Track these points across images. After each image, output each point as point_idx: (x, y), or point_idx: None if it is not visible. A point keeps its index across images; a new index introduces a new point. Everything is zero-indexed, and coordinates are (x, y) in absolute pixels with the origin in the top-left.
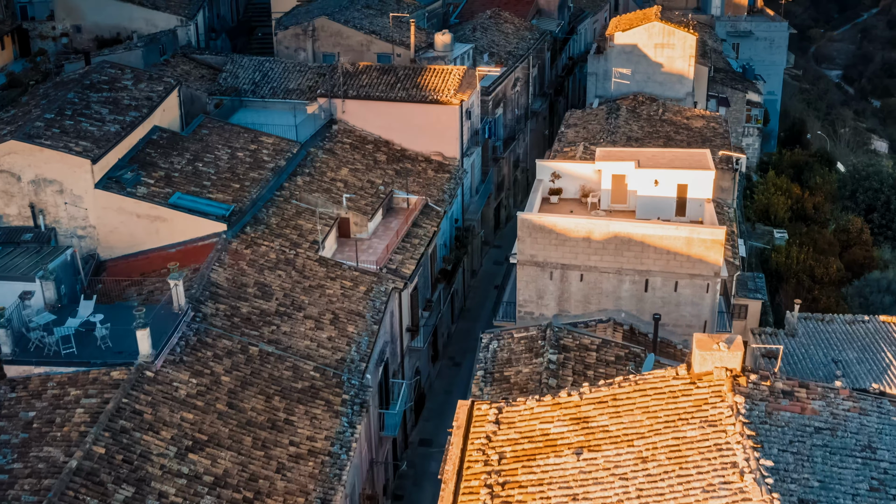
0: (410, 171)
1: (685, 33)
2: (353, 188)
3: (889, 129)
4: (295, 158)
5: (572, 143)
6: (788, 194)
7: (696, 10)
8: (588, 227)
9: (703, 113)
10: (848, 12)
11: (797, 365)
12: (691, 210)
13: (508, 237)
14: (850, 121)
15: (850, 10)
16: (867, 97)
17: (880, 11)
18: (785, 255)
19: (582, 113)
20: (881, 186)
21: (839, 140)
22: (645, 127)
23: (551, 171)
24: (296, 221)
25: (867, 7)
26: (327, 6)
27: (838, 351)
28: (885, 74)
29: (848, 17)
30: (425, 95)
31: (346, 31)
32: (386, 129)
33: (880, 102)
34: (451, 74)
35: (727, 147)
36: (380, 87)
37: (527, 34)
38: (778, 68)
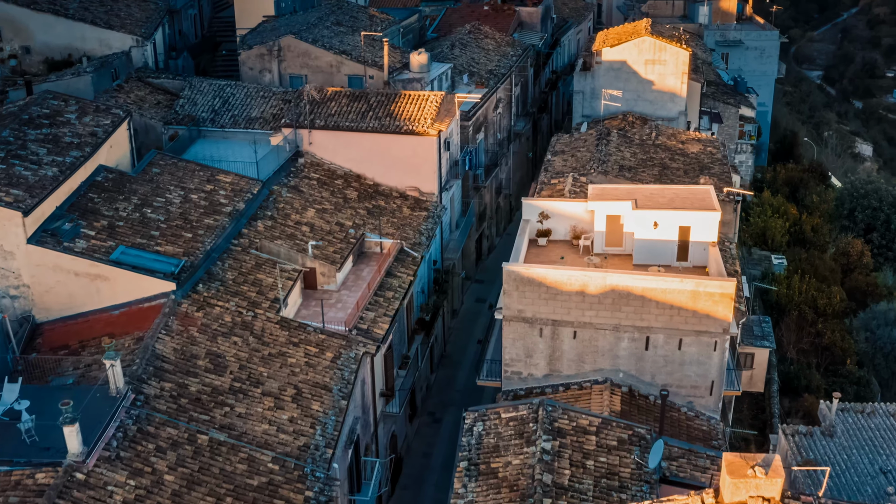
0: (384, 209)
1: (677, 49)
2: (320, 233)
3: (872, 130)
4: (255, 199)
5: (560, 173)
6: (786, 216)
7: (682, 18)
8: (582, 280)
9: (698, 136)
10: (828, 12)
11: (840, 477)
12: (694, 254)
13: (491, 270)
14: (835, 124)
15: (829, 10)
16: (849, 98)
17: (860, 11)
18: (786, 285)
19: (569, 138)
20: (880, 205)
21: (825, 145)
22: (638, 154)
23: (539, 211)
24: (255, 275)
25: (847, 7)
26: (295, 23)
27: (885, 456)
28: (866, 75)
29: (828, 16)
30: (400, 125)
31: (315, 52)
32: (357, 162)
33: (862, 103)
34: (428, 101)
35: (726, 175)
36: (350, 116)
37: (508, 50)
38: (769, 78)
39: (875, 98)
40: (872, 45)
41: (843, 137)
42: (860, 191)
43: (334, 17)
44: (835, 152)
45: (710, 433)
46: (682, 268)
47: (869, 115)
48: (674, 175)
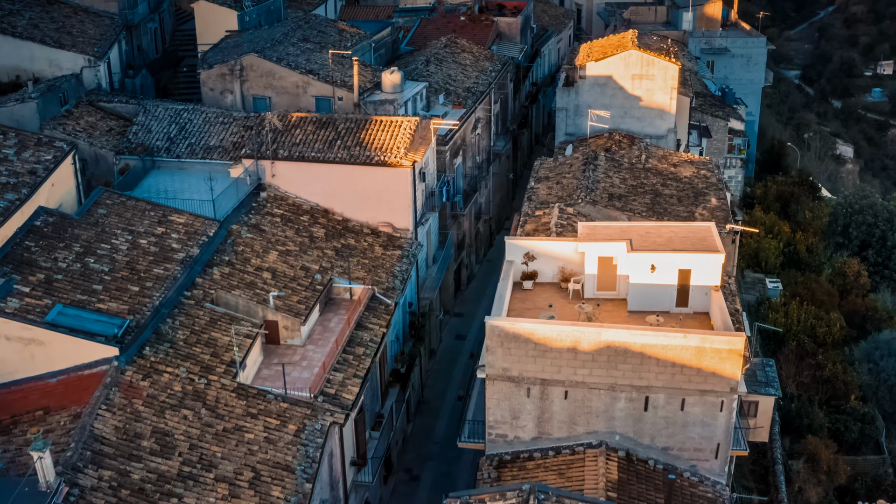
0: (354, 249)
1: (666, 62)
2: (283, 279)
3: (851, 131)
4: (211, 243)
5: (545, 203)
6: (779, 237)
7: (665, 24)
8: (574, 336)
9: (690, 157)
10: (804, 11)
11: None
12: (695, 299)
13: (471, 302)
14: (815, 125)
15: (806, 9)
16: (827, 98)
17: (836, 9)
18: (783, 313)
19: (553, 163)
20: (875, 220)
21: (807, 148)
22: (628, 179)
23: (524, 252)
24: (209, 333)
25: (823, 5)
26: (258, 39)
27: None
28: (844, 74)
29: (804, 15)
30: (371, 156)
31: (280, 71)
32: (325, 196)
33: (841, 103)
34: (402, 128)
35: (722, 202)
36: (316, 146)
37: (487, 65)
38: (756, 87)
39: (853, 97)
40: (850, 43)
41: (823, 139)
42: (854, 206)
43: (301, 33)
44: (817, 156)
45: (716, 501)
46: (682, 315)
47: (848, 115)
48: (667, 203)
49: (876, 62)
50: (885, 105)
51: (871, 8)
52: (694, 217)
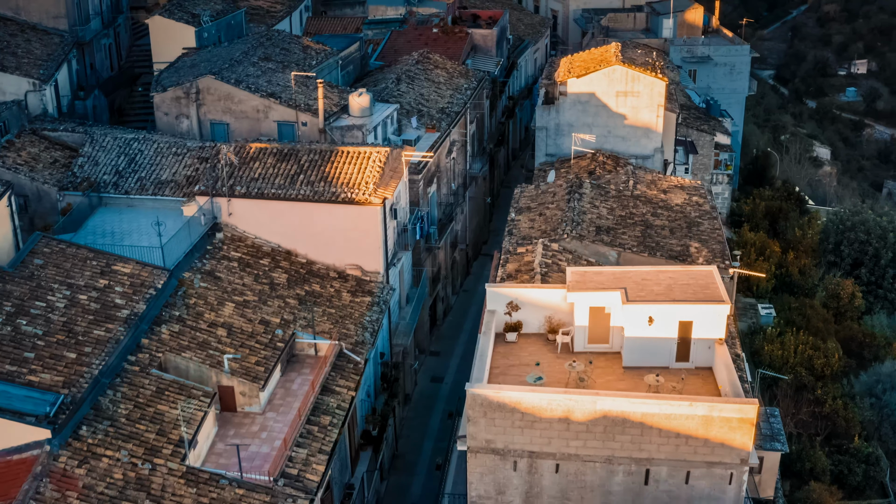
0: (319, 296)
1: (652, 78)
2: (240, 336)
3: (827, 131)
4: (160, 297)
5: (527, 238)
6: (771, 258)
7: (645, 31)
8: (566, 405)
9: (680, 182)
10: (777, 10)
11: None
12: (697, 353)
13: (447, 339)
14: (791, 127)
15: (779, 8)
16: (801, 98)
17: (809, 8)
18: (779, 345)
19: (535, 190)
20: (868, 237)
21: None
22: (615, 209)
23: (507, 301)
24: (156, 406)
25: (796, 4)
26: (216, 58)
27: None
28: (818, 73)
29: (777, 14)
30: (336, 192)
31: (238, 95)
32: (287, 236)
33: (815, 103)
34: (370, 160)
35: (717, 234)
36: (277, 181)
37: (462, 82)
38: (739, 96)
39: (828, 97)
40: (823, 43)
41: (800, 141)
42: (846, 223)
43: (262, 51)
44: (795, 159)
45: None
46: (684, 372)
47: (823, 115)
48: (659, 236)
49: (850, 61)
50: (859, 104)
51: (844, 7)
52: (688, 251)
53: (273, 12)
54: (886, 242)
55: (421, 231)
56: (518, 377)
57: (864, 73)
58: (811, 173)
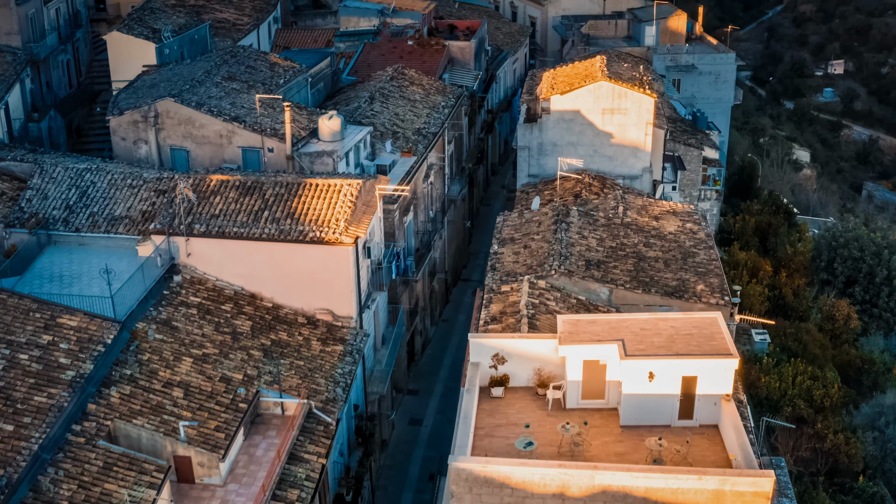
0: (287, 346)
1: (640, 95)
2: (198, 398)
3: (805, 133)
4: (110, 353)
5: (512, 275)
6: (764, 281)
7: (626, 39)
8: (561, 480)
9: (672, 207)
10: (752, 10)
11: None
12: (702, 410)
13: (426, 375)
14: (770, 129)
15: (754, 8)
16: (779, 99)
17: (785, 9)
18: (776, 376)
19: (519, 219)
20: (862, 255)
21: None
22: (605, 239)
23: (492, 353)
24: (102, 486)
25: (772, 4)
26: (178, 77)
27: None
28: (795, 74)
29: (753, 15)
30: (304, 230)
31: (200, 119)
32: (251, 278)
33: (793, 104)
34: (341, 194)
35: (715, 266)
36: (239, 218)
37: (439, 99)
38: (725, 106)
39: (805, 98)
40: (800, 43)
41: (779, 144)
42: (839, 240)
43: (227, 70)
44: (776, 164)
45: None
46: (689, 433)
47: (801, 117)
48: (652, 269)
49: (826, 62)
50: (836, 105)
51: (820, 7)
52: (685, 286)
53: (240, 25)
54: (881, 260)
55: (397, 269)
56: (506, 439)
57: (841, 73)
58: (792, 178)
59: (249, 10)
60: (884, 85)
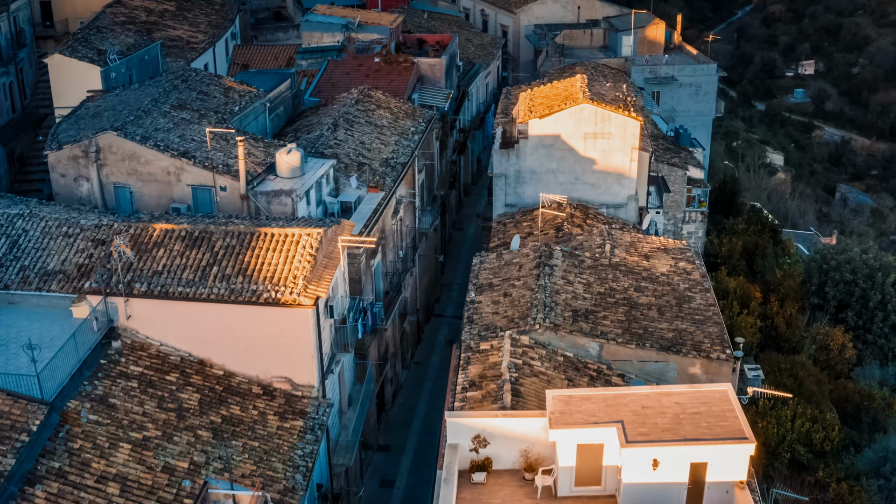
0: (240, 423)
1: (625, 118)
2: (137, 494)
3: (778, 135)
4: (35, 443)
5: (490, 329)
6: (755, 311)
7: (602, 49)
8: None
9: (663, 243)
10: (722, 11)
11: None
12: (712, 499)
13: (398, 427)
14: (743, 133)
15: (724, 9)
16: (750, 100)
17: (754, 9)
18: (774, 420)
19: (497, 261)
20: (854, 277)
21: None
22: (593, 284)
23: (473, 434)
24: None
25: (741, 5)
26: (123, 105)
27: None
28: (766, 75)
29: (722, 15)
30: (258, 290)
31: (145, 154)
32: (199, 343)
33: (764, 105)
34: (300, 246)
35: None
36: (185, 274)
37: (408, 124)
38: (706, 119)
39: (776, 98)
40: (769, 44)
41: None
42: (830, 262)
43: (176, 97)
44: (752, 169)
45: None
46: None
47: (772, 118)
48: (646, 319)
49: (797, 62)
50: (808, 105)
51: (790, 7)
52: (682, 338)
53: (194, 44)
54: (874, 283)
55: (364, 328)
56: None
57: (812, 73)
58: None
59: (205, 26)
60: (854, 85)
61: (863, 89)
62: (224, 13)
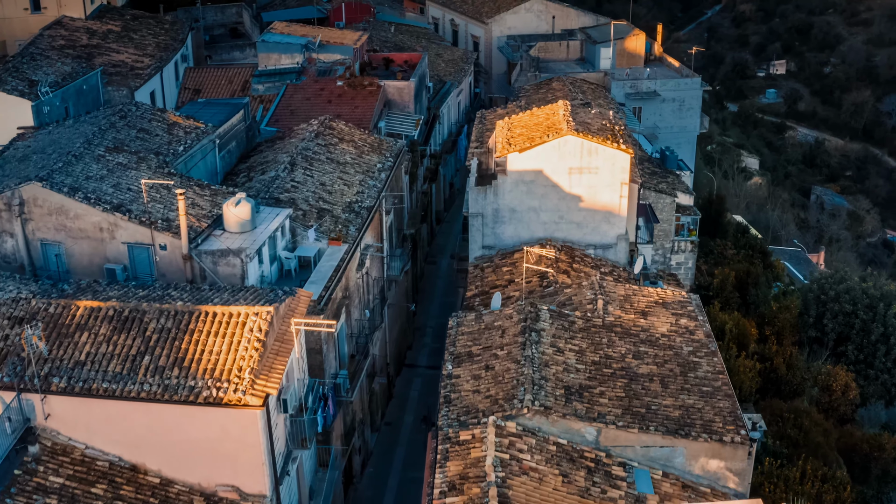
0: None
1: (614, 151)
2: None
3: (752, 138)
4: None
5: (471, 412)
6: (754, 354)
7: (579, 61)
8: None
9: (661, 296)
10: (692, 10)
11: None
12: None
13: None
14: (717, 136)
15: (693, 9)
16: (722, 101)
17: (724, 8)
18: (781, 482)
19: (477, 325)
20: (854, 308)
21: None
22: (586, 352)
23: None
24: None
25: (710, 4)
26: (54, 147)
27: None
28: (737, 76)
29: (692, 15)
30: (197, 387)
31: (75, 208)
32: (130, 447)
33: (737, 106)
34: (247, 329)
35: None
36: (112, 366)
37: (374, 160)
38: (690, 135)
39: (748, 99)
40: (740, 43)
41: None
42: (829, 293)
43: (113, 136)
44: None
45: None
46: None
47: (745, 119)
48: (648, 394)
49: (768, 62)
50: (780, 106)
51: (760, 6)
52: (690, 418)
53: (139, 69)
54: (876, 314)
55: (325, 420)
56: None
57: (783, 73)
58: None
59: (153, 48)
60: (826, 85)
61: (835, 89)
62: (174, 33)
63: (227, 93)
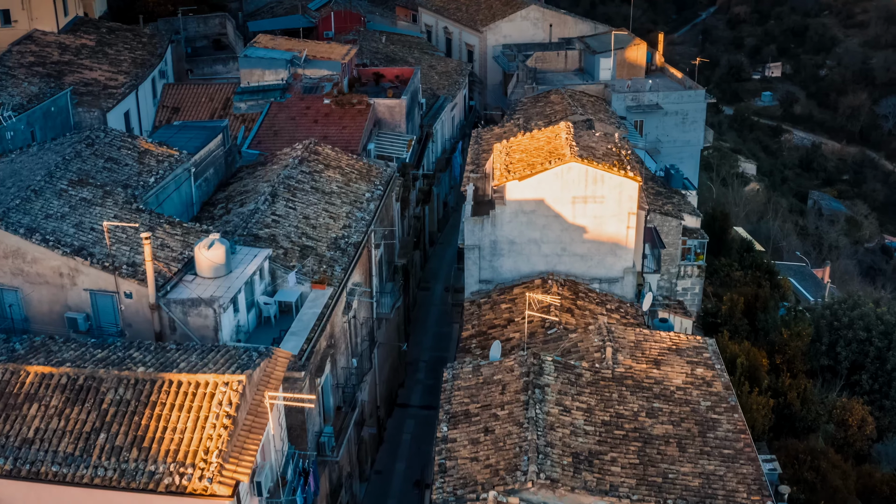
0: None
1: (621, 178)
2: None
3: (748, 142)
4: None
5: (468, 483)
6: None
7: (578, 72)
8: None
9: (674, 341)
10: (686, 12)
11: None
12: None
13: None
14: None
15: (688, 10)
16: (718, 104)
17: (718, 10)
18: None
19: (475, 378)
20: (868, 335)
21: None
22: (595, 410)
23: None
24: None
25: (704, 6)
26: (17, 176)
27: None
28: (733, 78)
29: (686, 17)
30: (158, 473)
31: (32, 251)
32: None
33: (732, 109)
34: (216, 402)
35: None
36: (63, 445)
37: (362, 188)
38: (693, 149)
39: (744, 102)
40: (735, 46)
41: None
42: (842, 319)
43: (78, 167)
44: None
45: None
46: None
47: (741, 123)
48: (664, 458)
49: (763, 64)
50: (775, 109)
51: (755, 8)
52: (711, 487)
53: (112, 88)
54: (891, 341)
55: (306, 500)
56: None
57: (779, 76)
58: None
59: (128, 64)
60: (822, 87)
61: (831, 92)
62: (152, 47)
63: (208, 111)
